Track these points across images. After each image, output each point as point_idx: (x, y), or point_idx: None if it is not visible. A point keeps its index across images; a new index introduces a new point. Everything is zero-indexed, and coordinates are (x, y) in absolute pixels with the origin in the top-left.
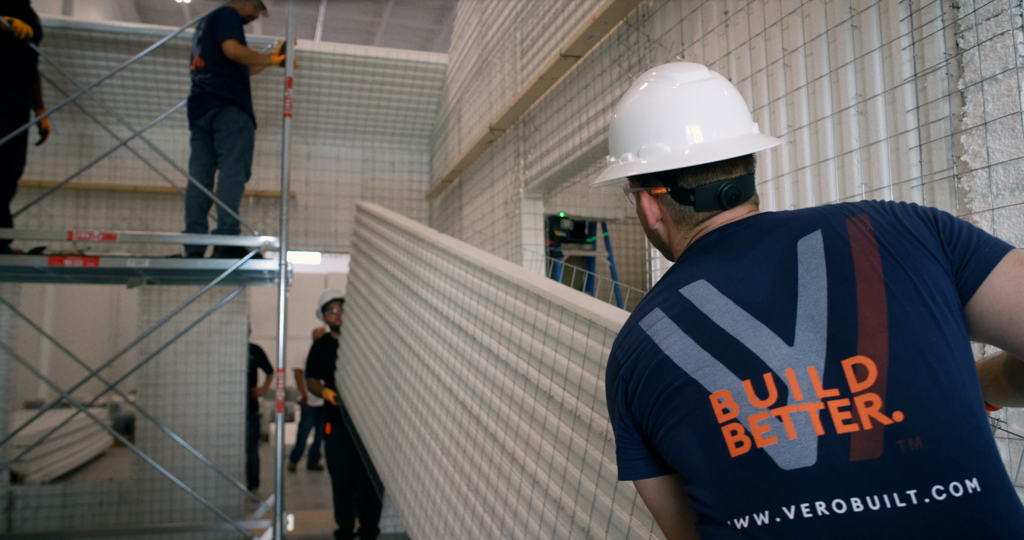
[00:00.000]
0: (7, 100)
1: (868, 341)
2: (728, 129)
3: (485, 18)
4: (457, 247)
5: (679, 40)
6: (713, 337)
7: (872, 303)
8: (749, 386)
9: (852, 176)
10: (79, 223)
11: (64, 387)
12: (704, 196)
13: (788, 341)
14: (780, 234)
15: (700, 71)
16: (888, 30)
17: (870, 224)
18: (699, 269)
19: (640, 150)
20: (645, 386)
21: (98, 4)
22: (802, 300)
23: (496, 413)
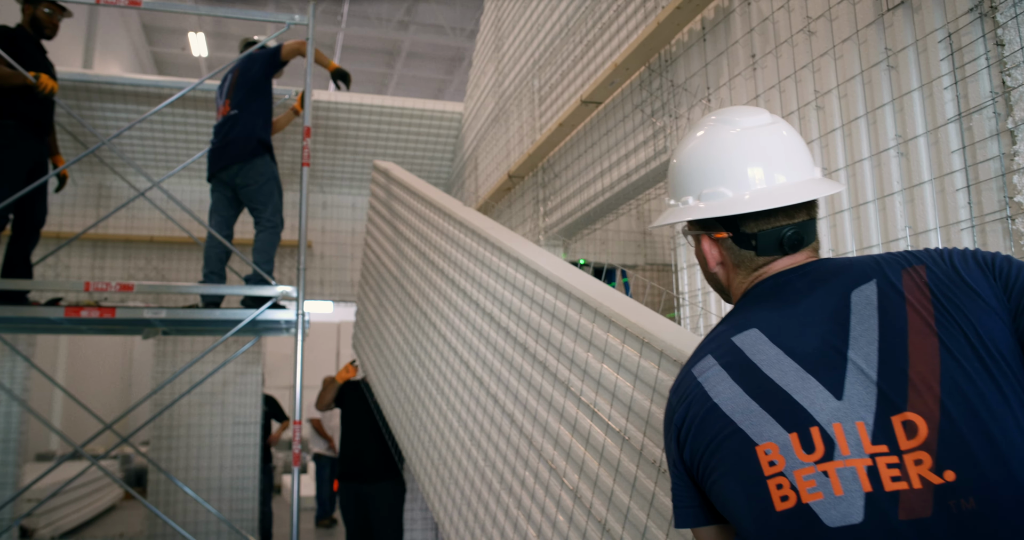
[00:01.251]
0: (26, 150)
1: (918, 397)
2: (791, 174)
3: (502, 67)
4: (511, 242)
5: (704, 84)
6: (762, 387)
7: (924, 358)
8: (796, 439)
9: (895, 219)
10: (96, 273)
11: (76, 437)
12: (766, 241)
13: (837, 394)
14: (835, 284)
15: (762, 115)
16: (928, 70)
17: (925, 275)
18: (753, 317)
19: (701, 194)
20: (696, 434)
21: (118, 58)
22: (853, 353)
23: (533, 416)
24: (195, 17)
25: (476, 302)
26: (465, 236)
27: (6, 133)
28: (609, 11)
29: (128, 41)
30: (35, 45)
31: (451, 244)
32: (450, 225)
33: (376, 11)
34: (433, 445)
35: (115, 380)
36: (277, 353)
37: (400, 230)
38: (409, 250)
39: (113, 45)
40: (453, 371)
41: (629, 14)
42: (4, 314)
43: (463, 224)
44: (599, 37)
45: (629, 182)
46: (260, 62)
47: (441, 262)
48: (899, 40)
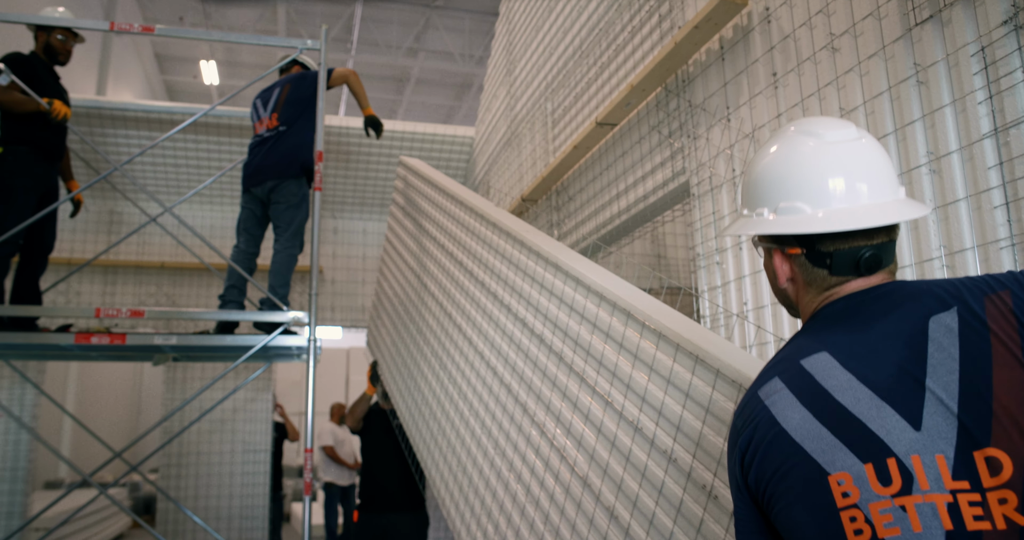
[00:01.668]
0: (38, 176)
1: (1003, 433)
2: (874, 193)
3: (514, 90)
4: (548, 247)
5: (723, 104)
6: (834, 415)
7: (1010, 391)
8: (871, 470)
9: (928, 238)
10: (106, 299)
11: (86, 464)
12: (841, 261)
13: (915, 425)
14: (911, 309)
15: (848, 129)
16: (960, 84)
17: (1011, 303)
18: (823, 340)
19: (778, 207)
20: (762, 459)
21: (130, 86)
22: (931, 382)
23: (567, 427)
24: (207, 46)
25: (507, 305)
26: (496, 236)
27: (19, 159)
28: (624, 33)
29: (141, 69)
30: (49, 72)
31: (481, 244)
32: (480, 224)
33: (386, 38)
34: (452, 450)
35: (125, 407)
36: (287, 379)
37: (425, 228)
38: (433, 247)
39: (126, 73)
40: (478, 375)
41: (644, 35)
42: (14, 341)
43: (495, 224)
44: (613, 59)
45: (646, 204)
46: (312, 83)
47: (468, 261)
48: (929, 55)
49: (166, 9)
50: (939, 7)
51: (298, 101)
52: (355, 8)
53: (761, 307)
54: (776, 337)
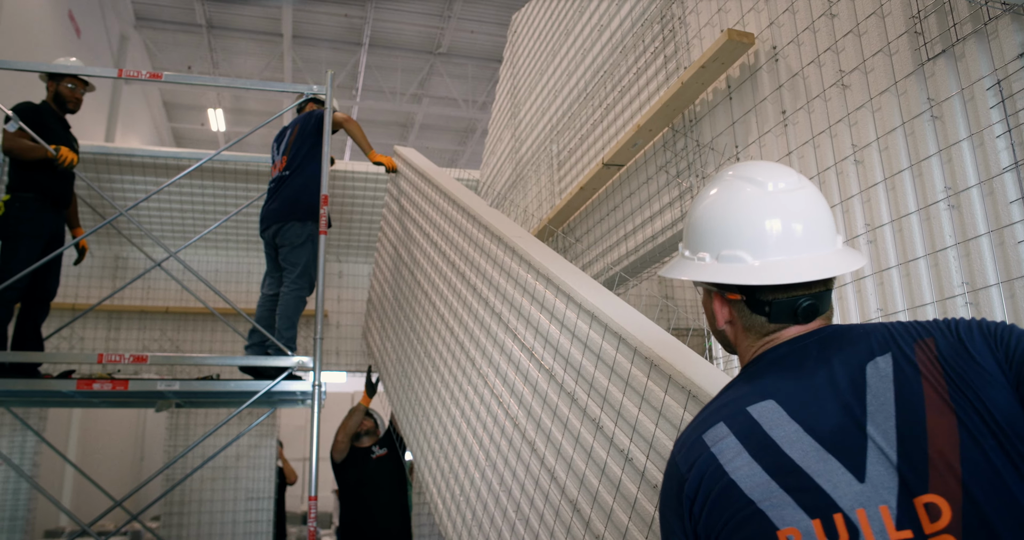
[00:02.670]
0: (44, 224)
1: (939, 478)
2: (815, 244)
3: (519, 133)
4: (543, 258)
5: (732, 142)
6: (782, 468)
7: (943, 436)
8: (819, 526)
9: (949, 275)
10: (110, 345)
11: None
12: (780, 310)
13: (859, 477)
14: (850, 354)
15: (790, 177)
16: (977, 118)
17: (935, 349)
18: (768, 386)
19: (720, 255)
20: (711, 510)
21: (138, 133)
22: (871, 429)
23: (557, 449)
24: (214, 93)
25: (491, 306)
26: (488, 240)
27: (25, 206)
28: (629, 74)
29: (149, 117)
30: (58, 120)
31: (469, 242)
32: (474, 227)
33: (390, 85)
34: (446, 458)
35: (128, 453)
36: (291, 424)
37: (417, 220)
38: (422, 238)
39: (134, 121)
40: (470, 382)
41: (650, 76)
42: (15, 387)
43: (489, 229)
44: (619, 100)
45: (655, 244)
46: (315, 122)
47: (456, 256)
48: (942, 90)
49: (175, 58)
50: (951, 42)
51: (304, 143)
52: (360, 56)
53: None
54: None
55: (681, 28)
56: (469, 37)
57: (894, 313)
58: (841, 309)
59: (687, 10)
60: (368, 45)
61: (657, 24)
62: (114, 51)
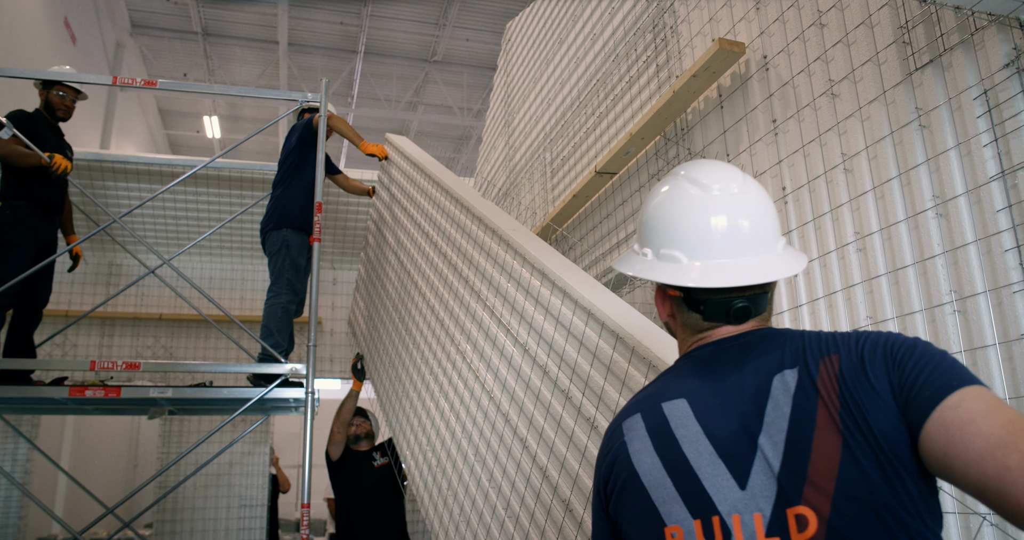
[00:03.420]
0: (35, 231)
1: (813, 492)
2: (753, 248)
3: (512, 141)
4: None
5: (723, 151)
6: (678, 466)
7: (825, 454)
8: (699, 526)
9: (937, 283)
10: (103, 352)
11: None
12: (713, 309)
13: (741, 484)
14: (764, 363)
15: (734, 179)
16: (964, 127)
17: (837, 367)
18: (684, 385)
19: (660, 253)
20: (619, 496)
21: (134, 141)
22: (763, 439)
23: (539, 433)
24: (209, 101)
25: (480, 296)
26: (478, 228)
27: (16, 213)
28: (621, 83)
29: (144, 124)
30: (51, 128)
31: (462, 234)
32: (464, 216)
33: (385, 92)
34: (432, 450)
35: (122, 460)
36: (284, 431)
37: (407, 209)
38: (412, 227)
39: (130, 128)
40: (459, 374)
41: (642, 85)
42: (7, 394)
43: (483, 221)
44: (611, 108)
45: None
46: (295, 134)
47: (451, 254)
48: (930, 99)
49: (170, 65)
50: (939, 52)
51: (287, 154)
52: (356, 63)
53: None
54: None
55: (673, 37)
56: (464, 45)
57: (883, 321)
58: (831, 317)
59: (679, 19)
60: (363, 52)
61: (649, 33)
62: (110, 58)
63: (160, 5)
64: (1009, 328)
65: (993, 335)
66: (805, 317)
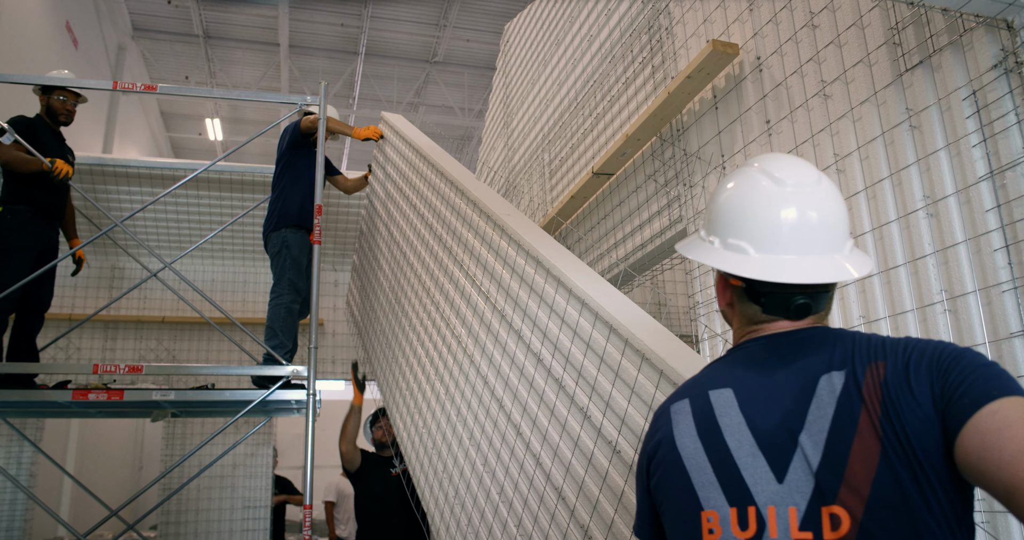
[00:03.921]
0: (36, 235)
1: (849, 494)
2: (818, 247)
3: (511, 142)
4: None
5: (718, 152)
6: (719, 453)
7: (863, 458)
8: (734, 514)
9: (928, 282)
10: (107, 355)
11: (86, 520)
12: (774, 303)
13: (779, 477)
14: (813, 362)
15: (809, 173)
16: (953, 128)
17: (883, 375)
18: (733, 375)
19: (727, 242)
20: (661, 476)
21: (136, 144)
22: (804, 436)
23: (543, 433)
24: (211, 103)
25: (477, 282)
26: (474, 213)
27: (17, 217)
28: (618, 84)
29: (147, 127)
30: (52, 133)
31: (457, 218)
32: (460, 199)
33: (387, 93)
34: (429, 434)
35: (127, 462)
36: (288, 432)
37: (404, 191)
38: (414, 216)
39: (132, 131)
40: (457, 363)
41: (638, 86)
42: (11, 398)
43: (477, 205)
44: (608, 109)
45: (644, 252)
46: (286, 137)
47: (447, 237)
48: (920, 100)
49: (172, 68)
50: (928, 52)
51: (280, 157)
52: (356, 65)
53: None
54: None
55: (668, 38)
56: (465, 45)
57: (875, 320)
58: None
59: (674, 21)
60: (364, 54)
61: (645, 34)
62: (112, 61)
63: (161, 8)
64: (999, 326)
65: (983, 334)
66: None
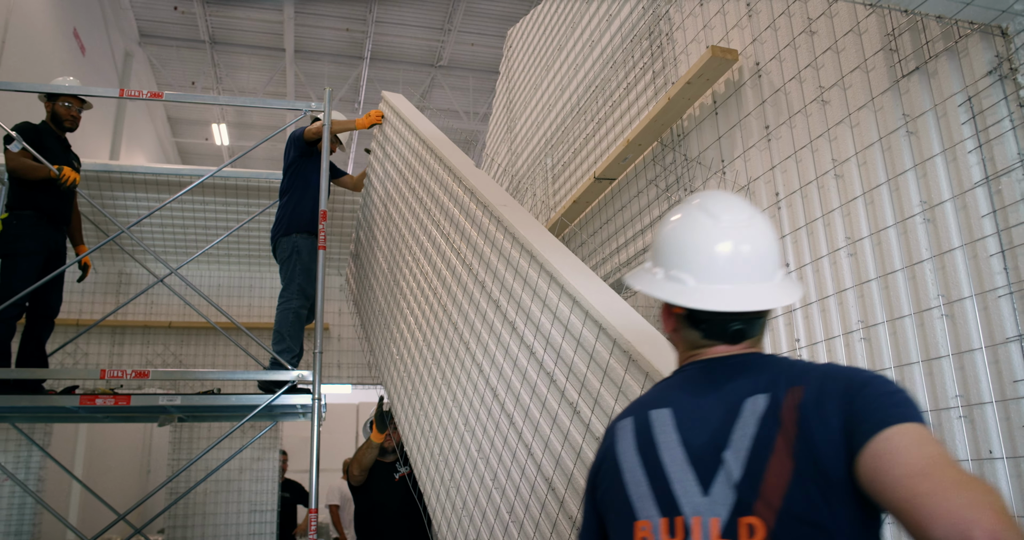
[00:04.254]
0: (42, 240)
1: (763, 506)
2: (751, 277)
3: (514, 147)
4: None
5: (718, 157)
6: (655, 468)
7: (778, 474)
8: (664, 524)
9: (926, 287)
10: (114, 360)
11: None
12: (712, 329)
13: (705, 490)
14: (741, 385)
15: (742, 211)
16: (950, 134)
17: (800, 399)
18: (672, 397)
19: (669, 273)
20: (604, 488)
21: (143, 149)
22: (728, 454)
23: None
24: (218, 109)
25: (472, 270)
26: (471, 201)
27: (23, 223)
28: (619, 89)
29: (153, 133)
30: (57, 140)
31: (456, 206)
32: (457, 185)
33: None
34: (426, 417)
35: (135, 466)
36: (296, 436)
37: (409, 181)
38: (413, 201)
39: (139, 137)
40: (455, 352)
41: (639, 91)
42: (19, 403)
43: (474, 194)
44: (610, 114)
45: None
46: (292, 146)
47: (445, 224)
48: (917, 105)
49: (179, 74)
50: (924, 59)
51: (286, 164)
52: (362, 69)
53: None
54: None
55: (668, 44)
56: (470, 50)
57: (874, 325)
58: (824, 321)
59: (674, 26)
60: (369, 59)
61: (646, 40)
62: (119, 67)
63: (168, 14)
64: (995, 332)
65: (979, 339)
66: (799, 322)
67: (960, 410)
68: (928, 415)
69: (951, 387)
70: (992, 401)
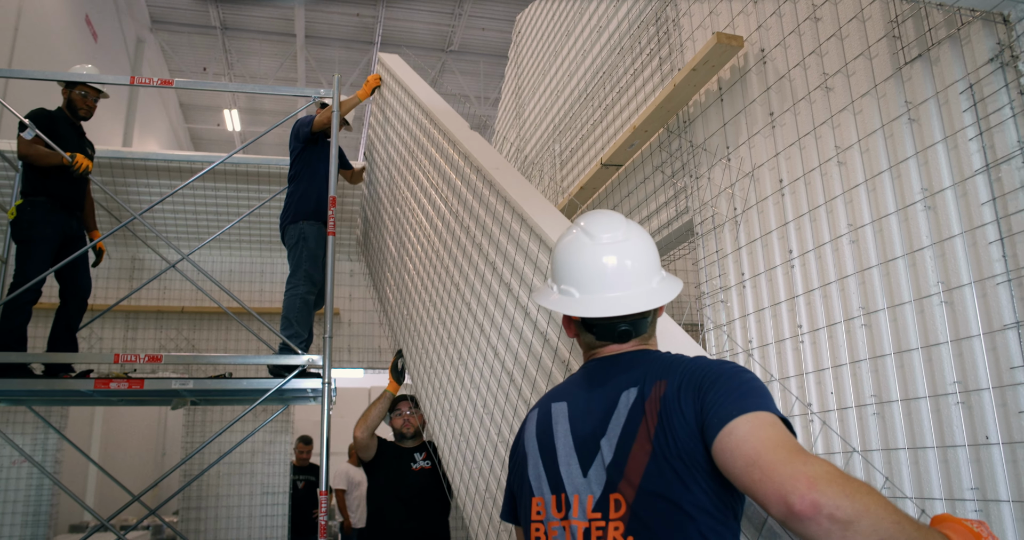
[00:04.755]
0: (56, 225)
1: (626, 485)
2: (627, 284)
3: (523, 133)
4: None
5: (723, 143)
6: (549, 454)
7: (638, 459)
8: (554, 500)
9: (926, 274)
10: (128, 344)
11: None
12: (602, 332)
13: (584, 473)
14: (620, 381)
15: (618, 231)
16: (951, 121)
17: (663, 391)
18: (569, 391)
19: (561, 288)
20: (513, 468)
21: (156, 135)
22: (603, 442)
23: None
24: (229, 95)
25: (471, 235)
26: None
27: (36, 209)
28: (626, 76)
29: (166, 119)
30: (72, 127)
31: (452, 168)
32: (452, 148)
33: None
34: (436, 374)
35: (150, 448)
36: (308, 420)
37: (409, 145)
38: (412, 162)
39: (152, 123)
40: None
41: (646, 78)
42: (35, 387)
43: (468, 158)
44: (617, 101)
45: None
46: (295, 130)
47: (442, 186)
48: (919, 93)
49: (190, 60)
50: (927, 46)
51: (292, 152)
52: (372, 54)
53: (766, 345)
54: (781, 373)
55: (675, 30)
56: (480, 34)
57: (875, 311)
58: (826, 307)
59: (680, 13)
60: (380, 44)
61: (652, 26)
62: (131, 54)
63: (179, 0)
64: (993, 319)
65: (978, 325)
66: (802, 308)
67: (958, 396)
68: (926, 401)
69: (949, 373)
70: (989, 387)
